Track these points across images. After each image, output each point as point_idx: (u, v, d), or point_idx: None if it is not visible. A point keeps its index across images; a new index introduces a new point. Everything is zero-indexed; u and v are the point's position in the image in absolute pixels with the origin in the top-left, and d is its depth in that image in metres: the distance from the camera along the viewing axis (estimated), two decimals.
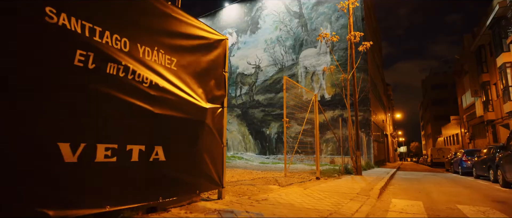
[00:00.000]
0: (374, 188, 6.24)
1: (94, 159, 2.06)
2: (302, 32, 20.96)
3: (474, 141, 26.27)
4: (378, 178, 8.88)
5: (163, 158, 2.61)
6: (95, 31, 2.18)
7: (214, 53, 3.62)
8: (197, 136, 3.09)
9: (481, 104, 22.56)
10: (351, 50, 10.60)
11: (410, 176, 12.65)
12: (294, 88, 16.26)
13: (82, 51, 2.05)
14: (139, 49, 2.56)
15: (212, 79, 3.51)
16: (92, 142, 2.05)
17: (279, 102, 20.87)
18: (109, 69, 2.23)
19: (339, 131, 16.71)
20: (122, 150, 2.26)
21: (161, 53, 2.80)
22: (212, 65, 3.56)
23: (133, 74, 2.43)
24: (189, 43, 3.20)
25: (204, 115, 3.21)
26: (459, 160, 14.48)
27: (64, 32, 1.95)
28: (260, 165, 13.41)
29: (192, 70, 3.19)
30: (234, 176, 6.84)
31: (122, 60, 2.34)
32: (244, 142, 22.22)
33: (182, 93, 2.93)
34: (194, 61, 3.26)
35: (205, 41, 3.46)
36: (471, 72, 24.72)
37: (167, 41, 2.89)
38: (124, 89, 2.32)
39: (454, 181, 9.93)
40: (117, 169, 2.21)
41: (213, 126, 3.37)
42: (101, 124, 2.13)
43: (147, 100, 2.51)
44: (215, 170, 3.35)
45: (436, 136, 50.79)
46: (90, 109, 2.07)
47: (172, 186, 2.71)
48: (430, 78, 56.05)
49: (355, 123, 10.60)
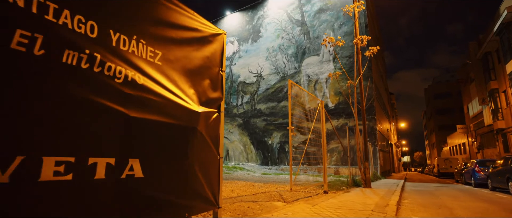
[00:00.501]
0: (389, 203, 5.62)
1: (38, 178, 1.51)
2: (304, 40, 20.58)
3: (483, 150, 25.48)
4: (389, 191, 8.24)
5: (140, 174, 2.04)
6: (48, 8, 1.66)
7: (209, 48, 3.10)
8: (187, 146, 2.53)
9: (490, 113, 21.90)
10: (358, 55, 10.10)
11: (421, 188, 11.96)
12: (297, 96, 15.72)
13: (25, 31, 1.53)
14: (111, 37, 2.03)
15: (206, 79, 2.97)
16: (34, 154, 1.50)
17: (281, 111, 20.32)
18: (66, 57, 1.70)
19: (344, 140, 16.09)
20: (81, 164, 1.70)
21: (142, 44, 2.28)
22: (207, 62, 3.03)
23: (102, 66, 1.90)
24: (179, 34, 2.68)
25: (196, 121, 2.66)
26: (471, 171, 13.77)
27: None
28: (262, 177, 12.77)
29: (181, 66, 2.67)
30: (234, 190, 6.24)
31: (86, 48, 1.82)
32: (245, 152, 21.59)
33: (168, 93, 2.40)
34: (184, 56, 2.73)
35: (198, 34, 2.94)
36: (477, 80, 24.14)
37: (150, 29, 2.37)
38: (87, 84, 1.79)
39: (472, 194, 9.25)
40: (73, 190, 1.65)
41: (207, 134, 2.81)
42: (50, 130, 1.58)
43: (119, 100, 1.97)
44: (209, 187, 2.78)
45: (441, 146, 49.85)
46: (34, 109, 1.53)
47: (152, 210, 2.14)
48: (433, 87, 55.53)
49: (363, 132, 10.01)
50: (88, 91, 1.78)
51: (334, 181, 9.70)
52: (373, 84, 17.10)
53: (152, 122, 2.20)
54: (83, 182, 1.70)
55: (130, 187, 1.99)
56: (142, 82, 2.19)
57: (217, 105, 3.11)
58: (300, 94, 19.37)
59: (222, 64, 3.30)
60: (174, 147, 2.40)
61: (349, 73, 15.55)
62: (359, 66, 10.02)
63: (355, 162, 15.07)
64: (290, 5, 21.79)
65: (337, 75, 10.43)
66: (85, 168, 1.72)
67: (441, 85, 55.16)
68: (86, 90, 1.77)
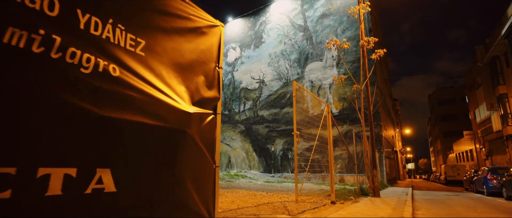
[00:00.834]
0: (403, 215, 5.15)
1: None
2: (307, 46, 20.26)
3: (492, 157, 24.78)
4: (400, 201, 7.74)
5: (111, 187, 1.63)
6: None
7: (204, 41, 2.71)
8: (174, 152, 2.12)
9: (499, 118, 21.31)
10: (364, 58, 9.70)
11: (431, 197, 11.41)
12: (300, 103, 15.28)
13: None
14: (79, 17, 1.65)
15: (200, 75, 2.58)
16: None
17: (284, 117, 19.89)
18: (10, 37, 1.31)
19: (349, 147, 15.59)
20: (26, 177, 1.30)
21: (120, 29, 1.89)
22: (201, 56, 2.64)
23: (62, 52, 1.51)
24: (168, 22, 2.30)
25: (187, 123, 2.25)
26: (483, 178, 13.19)
27: None
28: (265, 185, 12.28)
29: (170, 59, 2.28)
30: (235, 201, 5.79)
31: (40, 28, 1.43)
32: (248, 159, 21.09)
33: (152, 89, 2.00)
34: (174, 48, 2.35)
35: (191, 24, 2.56)
36: (485, 85, 23.60)
37: (131, 13, 1.99)
38: (38, 73, 1.40)
39: (487, 204, 8.71)
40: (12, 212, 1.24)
41: (200, 138, 2.40)
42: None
43: (86, 94, 1.58)
44: (202, 201, 2.35)
45: (447, 153, 49.00)
46: None
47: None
48: (437, 93, 54.97)
49: (371, 138, 9.56)
50: (38, 81, 1.38)
51: (340, 190, 9.21)
52: (377, 89, 16.67)
53: (129, 123, 1.79)
54: (27, 200, 1.29)
55: (98, 204, 1.57)
56: (118, 74, 1.79)
57: (212, 106, 2.71)
58: (303, 100, 18.96)
59: (219, 60, 2.91)
60: (157, 154, 1.99)
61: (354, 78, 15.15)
62: (366, 69, 9.62)
63: (361, 169, 14.55)
64: (292, 11, 21.55)
65: (343, 79, 10.02)
66: (31, 182, 1.31)
67: (445, 91, 54.56)
68: (35, 79, 1.38)
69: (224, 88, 24.02)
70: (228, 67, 24.25)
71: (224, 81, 24.20)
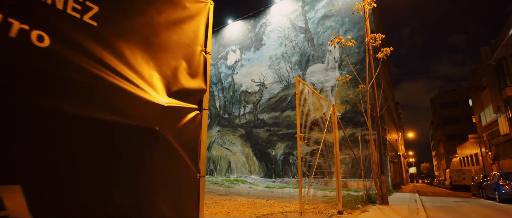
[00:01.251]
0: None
1: None
2: (308, 47, 19.77)
3: (499, 162, 24.10)
4: (411, 210, 7.16)
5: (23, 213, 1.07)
6: None
7: (187, 18, 2.17)
8: (137, 158, 1.56)
9: (506, 121, 20.68)
10: (369, 56, 9.16)
11: (440, 204, 10.81)
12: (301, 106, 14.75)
13: None
14: None
15: (179, 59, 2.03)
16: None
17: (285, 121, 19.32)
18: None
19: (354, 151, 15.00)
20: None
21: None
22: (182, 36, 2.10)
23: None
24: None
25: (158, 119, 1.70)
26: (495, 184, 12.55)
27: None
28: (266, 191, 11.69)
29: (137, 35, 1.73)
30: (231, 212, 5.20)
31: None
32: (248, 164, 20.48)
33: (106, 71, 1.45)
34: (144, 22, 1.80)
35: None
36: (491, 87, 23.02)
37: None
38: None
39: (505, 213, 8.09)
40: None
41: (178, 140, 1.84)
42: None
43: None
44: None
45: (450, 157, 48.20)
46: None
47: None
48: (439, 96, 54.41)
49: (377, 141, 8.98)
50: None
51: (345, 197, 8.62)
52: (381, 91, 16.13)
53: (63, 116, 1.24)
54: None
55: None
56: (48, 45, 1.24)
57: (197, 100, 2.15)
58: (305, 103, 18.41)
59: (206, 44, 2.36)
60: (110, 161, 1.43)
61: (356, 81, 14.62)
62: (372, 68, 9.07)
63: (365, 174, 13.93)
64: (293, 12, 21.11)
65: (348, 78, 9.46)
66: None
67: (447, 94, 53.98)
68: None
69: (224, 91, 23.52)
70: (228, 70, 23.77)
71: (224, 84, 23.69)
